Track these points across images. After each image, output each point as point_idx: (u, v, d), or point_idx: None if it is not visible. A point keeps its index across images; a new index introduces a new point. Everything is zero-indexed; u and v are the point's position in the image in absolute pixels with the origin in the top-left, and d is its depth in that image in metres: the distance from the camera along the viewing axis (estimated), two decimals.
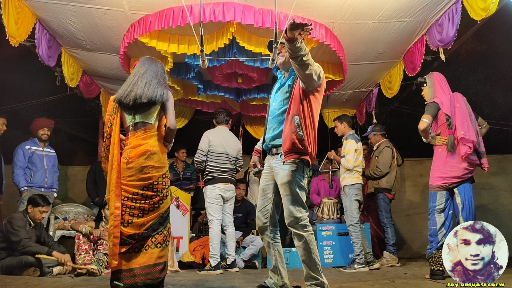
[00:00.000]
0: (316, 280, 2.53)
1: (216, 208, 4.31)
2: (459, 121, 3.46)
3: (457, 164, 3.43)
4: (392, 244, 4.80)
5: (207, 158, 4.38)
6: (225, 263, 4.36)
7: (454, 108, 3.53)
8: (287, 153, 2.55)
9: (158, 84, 2.73)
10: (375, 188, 5.02)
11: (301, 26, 2.28)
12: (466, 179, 3.46)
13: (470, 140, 3.38)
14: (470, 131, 3.42)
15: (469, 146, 3.37)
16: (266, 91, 5.50)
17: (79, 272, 3.78)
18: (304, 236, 2.53)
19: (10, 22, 3.52)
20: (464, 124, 3.45)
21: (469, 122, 3.48)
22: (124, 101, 2.62)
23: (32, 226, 4.04)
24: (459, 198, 3.43)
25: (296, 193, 2.57)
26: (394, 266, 4.65)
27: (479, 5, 3.30)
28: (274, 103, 2.77)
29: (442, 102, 3.52)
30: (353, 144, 4.57)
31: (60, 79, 5.00)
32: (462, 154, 3.37)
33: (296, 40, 2.32)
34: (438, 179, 3.49)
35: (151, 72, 2.75)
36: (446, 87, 3.65)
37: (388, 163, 4.97)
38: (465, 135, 3.39)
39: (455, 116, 3.49)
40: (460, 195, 3.44)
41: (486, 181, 5.93)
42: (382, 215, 4.95)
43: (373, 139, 5.22)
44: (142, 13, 3.94)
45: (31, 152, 4.87)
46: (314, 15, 3.98)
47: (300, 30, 2.29)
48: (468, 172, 3.45)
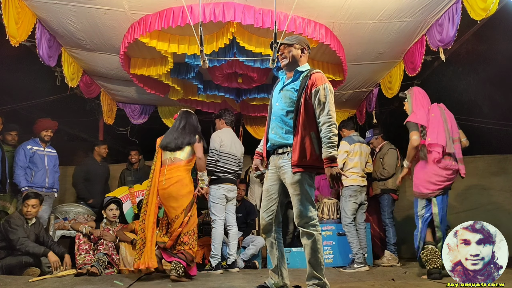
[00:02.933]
0: (319, 280, 2.53)
1: (220, 208, 4.32)
2: (430, 130, 3.58)
3: (436, 171, 3.51)
4: (393, 244, 4.86)
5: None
6: (225, 263, 4.36)
7: (429, 119, 3.64)
8: (297, 165, 2.56)
9: (191, 133, 3.78)
10: (381, 189, 5.07)
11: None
12: (444, 188, 3.53)
13: (439, 144, 3.49)
14: (439, 136, 3.52)
15: (438, 151, 3.49)
16: (266, 91, 5.50)
17: (79, 272, 3.79)
18: (314, 235, 2.54)
19: (10, 22, 3.52)
20: (434, 132, 3.56)
21: (441, 129, 3.56)
22: (168, 147, 3.71)
23: (31, 224, 4.05)
24: (436, 209, 3.52)
25: (306, 192, 2.57)
26: (395, 265, 4.68)
27: (479, 5, 3.29)
28: (278, 103, 2.75)
29: (417, 117, 3.63)
30: (345, 146, 4.71)
31: (60, 79, 5.01)
32: (433, 159, 3.49)
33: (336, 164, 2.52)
34: (418, 186, 3.59)
35: (189, 125, 3.83)
36: (424, 101, 3.75)
37: (394, 164, 5.05)
38: (431, 141, 3.51)
39: (429, 125, 3.61)
40: (437, 206, 3.52)
41: (486, 181, 5.93)
42: (384, 215, 4.99)
43: (375, 142, 5.30)
44: (142, 13, 3.94)
45: (32, 152, 4.88)
46: (314, 15, 3.98)
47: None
48: (447, 180, 3.52)
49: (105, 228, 4.33)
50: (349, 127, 5.03)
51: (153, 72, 4.76)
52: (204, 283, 3.35)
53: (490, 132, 6.79)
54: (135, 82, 5.07)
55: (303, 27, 3.90)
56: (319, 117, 2.57)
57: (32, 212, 4.04)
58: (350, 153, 4.67)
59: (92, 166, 5.73)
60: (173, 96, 5.64)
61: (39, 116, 5.23)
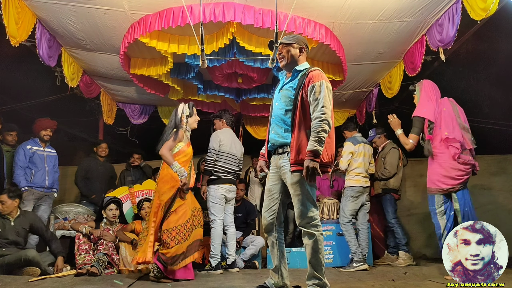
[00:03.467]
0: (319, 280, 2.53)
1: (219, 208, 4.32)
2: (444, 123, 3.53)
3: (455, 166, 3.46)
4: (405, 244, 4.78)
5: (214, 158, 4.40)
6: (225, 263, 4.36)
7: (440, 112, 3.59)
8: (295, 163, 2.54)
9: (169, 130, 3.75)
10: (382, 189, 5.04)
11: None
12: (464, 182, 3.47)
13: (456, 140, 3.45)
14: (455, 131, 3.49)
15: (456, 147, 3.44)
16: (266, 91, 5.51)
17: (79, 272, 3.79)
18: (315, 235, 2.53)
19: (11, 22, 3.52)
20: (449, 125, 3.52)
21: (455, 124, 3.53)
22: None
23: (14, 219, 3.98)
24: (457, 205, 3.47)
25: (307, 192, 2.56)
26: (411, 265, 4.60)
27: (479, 5, 3.30)
28: (277, 103, 2.76)
29: (425, 111, 3.59)
30: (349, 147, 4.69)
31: (61, 79, 5.01)
32: (452, 155, 3.44)
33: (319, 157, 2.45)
34: (435, 182, 3.54)
35: (170, 122, 3.80)
36: (433, 94, 3.70)
37: (395, 164, 5.01)
38: (449, 135, 3.46)
39: (441, 119, 3.57)
40: (459, 201, 3.47)
41: (486, 181, 5.92)
42: (389, 216, 4.94)
43: (378, 141, 5.24)
44: (142, 13, 3.94)
45: (32, 152, 4.87)
46: (314, 15, 3.98)
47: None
48: (466, 173, 3.47)
49: (105, 228, 4.33)
50: (350, 128, 5.02)
51: (153, 72, 4.76)
52: (204, 283, 3.35)
53: (490, 132, 6.78)
54: (135, 82, 5.07)
55: (303, 27, 3.90)
56: (313, 112, 2.54)
57: (3, 208, 3.95)
58: (355, 153, 4.66)
59: (94, 165, 5.76)
60: (173, 96, 5.64)
61: (39, 116, 5.21)
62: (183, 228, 3.48)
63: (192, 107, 3.84)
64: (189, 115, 3.77)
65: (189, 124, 3.79)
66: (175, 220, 3.46)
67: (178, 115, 3.74)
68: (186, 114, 3.75)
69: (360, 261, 4.33)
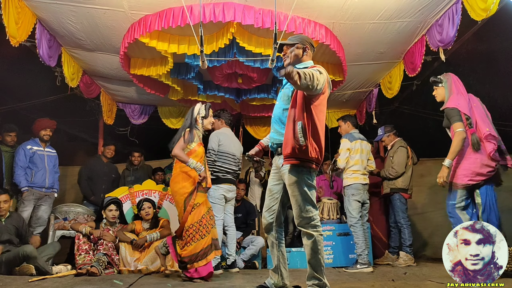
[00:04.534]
0: (319, 281, 2.52)
1: (219, 208, 4.31)
2: (480, 119, 3.45)
3: (487, 162, 3.38)
4: (409, 245, 4.76)
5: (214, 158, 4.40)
6: (225, 263, 4.36)
7: (472, 108, 3.51)
8: (287, 157, 2.52)
9: (181, 130, 3.75)
10: (390, 188, 4.95)
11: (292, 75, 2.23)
12: (490, 178, 3.43)
13: (496, 136, 3.38)
14: (492, 128, 3.42)
15: (494, 143, 3.35)
16: (266, 91, 5.51)
17: (79, 272, 3.79)
18: (314, 236, 2.52)
19: (11, 22, 3.52)
20: (486, 122, 3.44)
21: (490, 120, 3.49)
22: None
23: (5, 219, 4.00)
24: (479, 199, 3.41)
25: (305, 192, 2.54)
26: (411, 266, 4.60)
27: (480, 5, 3.29)
28: (278, 102, 2.79)
29: (460, 104, 3.48)
30: (346, 144, 4.61)
31: (61, 79, 5.01)
32: (490, 151, 3.33)
33: (291, 74, 2.24)
34: (463, 177, 3.43)
35: (184, 122, 3.84)
36: (462, 88, 3.63)
37: (403, 163, 4.92)
38: (491, 132, 3.37)
39: (474, 115, 3.49)
40: (481, 196, 3.42)
41: None
42: (399, 216, 4.88)
43: (387, 140, 5.18)
44: (142, 13, 3.94)
45: (32, 152, 4.87)
46: (314, 15, 3.98)
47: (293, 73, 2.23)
48: (492, 170, 3.41)
49: (105, 228, 4.33)
50: (351, 120, 4.88)
51: (153, 72, 4.76)
52: (204, 283, 3.35)
53: None
54: (135, 82, 5.07)
55: (303, 27, 3.90)
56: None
57: (5, 208, 3.99)
58: (352, 150, 4.59)
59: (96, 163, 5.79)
60: (173, 96, 5.65)
61: (39, 116, 5.22)
62: (198, 225, 3.48)
63: (208, 108, 3.84)
64: (204, 116, 3.80)
65: (204, 126, 3.82)
66: (190, 218, 3.47)
67: (194, 115, 3.76)
68: (202, 115, 3.78)
69: (365, 264, 4.27)
